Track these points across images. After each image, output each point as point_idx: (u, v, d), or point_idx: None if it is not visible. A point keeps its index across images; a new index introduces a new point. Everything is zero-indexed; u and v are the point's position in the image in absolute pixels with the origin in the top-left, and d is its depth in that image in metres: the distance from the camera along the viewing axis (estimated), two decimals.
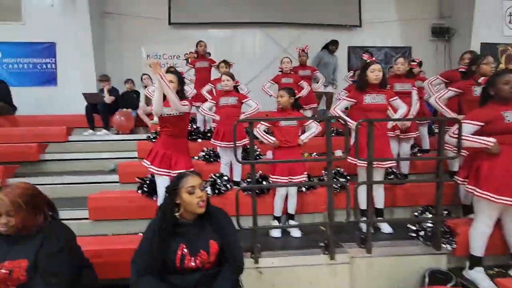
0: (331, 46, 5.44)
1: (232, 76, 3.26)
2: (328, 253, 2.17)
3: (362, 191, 2.66)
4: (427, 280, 2.21)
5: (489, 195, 2.00)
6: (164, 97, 2.31)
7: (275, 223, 2.73)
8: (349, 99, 2.70)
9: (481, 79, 2.48)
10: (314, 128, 2.69)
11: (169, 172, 2.45)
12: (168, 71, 2.49)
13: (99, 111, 4.83)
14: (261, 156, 3.52)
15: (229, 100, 3.21)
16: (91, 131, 4.79)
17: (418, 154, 3.69)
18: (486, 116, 2.08)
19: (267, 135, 2.63)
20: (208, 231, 1.52)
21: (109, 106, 4.90)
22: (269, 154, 3.81)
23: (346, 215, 2.14)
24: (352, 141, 3.86)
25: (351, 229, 2.59)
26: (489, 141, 2.01)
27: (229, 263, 1.50)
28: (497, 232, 2.18)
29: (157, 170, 2.44)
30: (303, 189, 2.84)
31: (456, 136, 2.13)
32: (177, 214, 1.50)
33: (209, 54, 4.88)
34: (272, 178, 2.64)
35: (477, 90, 2.78)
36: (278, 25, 6.38)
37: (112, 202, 2.71)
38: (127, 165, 3.38)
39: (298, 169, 2.62)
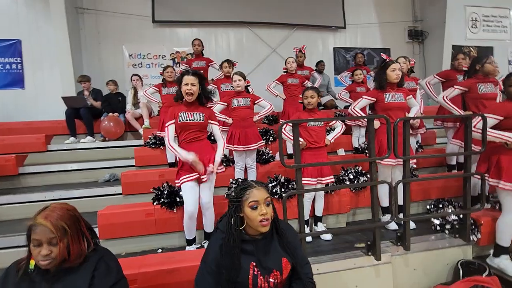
0: (318, 67, 5.49)
1: (243, 76, 3.11)
2: (372, 254, 2.14)
3: (385, 189, 2.70)
4: (461, 271, 2.28)
5: None
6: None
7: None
8: (369, 97, 2.71)
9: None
10: (339, 127, 2.66)
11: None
12: (193, 73, 2.25)
13: (81, 116, 4.36)
14: (274, 158, 3.41)
15: (242, 101, 3.06)
16: (73, 138, 4.29)
17: (420, 150, 3.86)
18: (505, 110, 2.21)
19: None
20: (277, 247, 1.38)
21: (91, 111, 4.45)
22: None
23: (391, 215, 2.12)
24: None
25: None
26: (510, 137, 2.14)
27: (300, 280, 1.38)
28: None
29: (191, 177, 2.21)
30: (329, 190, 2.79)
31: (479, 130, 2.25)
32: (241, 228, 1.34)
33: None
34: None
35: (481, 88, 2.98)
36: (266, 25, 6.32)
37: (127, 217, 2.40)
38: (131, 175, 3.04)
39: (327, 170, 2.56)
